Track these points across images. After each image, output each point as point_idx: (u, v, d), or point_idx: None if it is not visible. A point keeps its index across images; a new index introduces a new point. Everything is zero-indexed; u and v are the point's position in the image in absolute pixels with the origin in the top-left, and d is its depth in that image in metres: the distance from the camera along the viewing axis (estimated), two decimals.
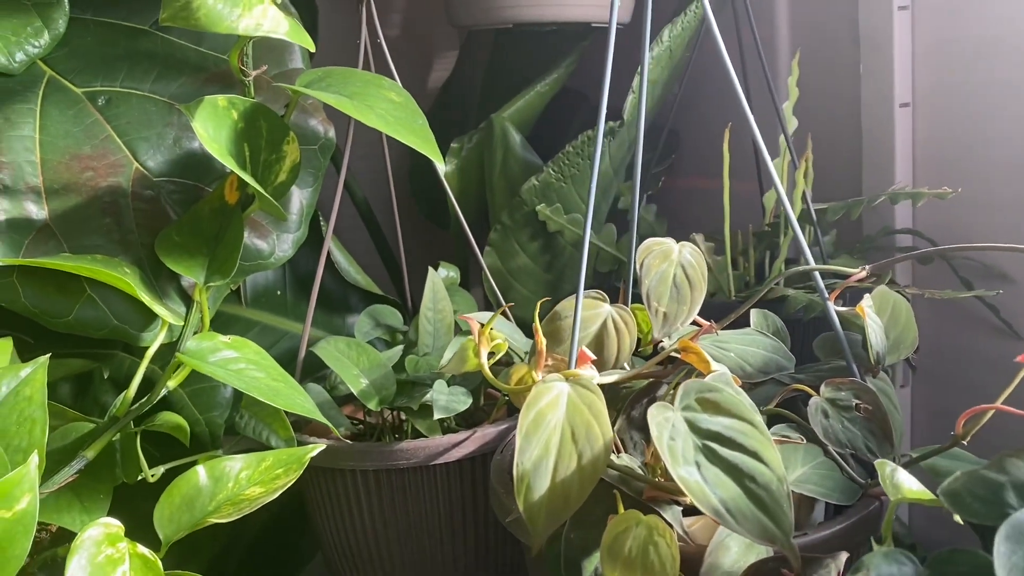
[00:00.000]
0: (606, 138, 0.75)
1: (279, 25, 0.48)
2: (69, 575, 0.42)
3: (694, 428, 0.37)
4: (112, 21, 0.67)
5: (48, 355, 0.52)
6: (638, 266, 0.48)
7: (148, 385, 0.65)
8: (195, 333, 0.61)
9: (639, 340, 0.54)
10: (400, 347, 0.68)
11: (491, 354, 0.49)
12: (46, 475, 0.50)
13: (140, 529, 0.50)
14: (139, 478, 0.59)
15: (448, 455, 0.58)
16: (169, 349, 0.59)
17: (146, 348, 0.58)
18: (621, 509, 0.40)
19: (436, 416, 0.57)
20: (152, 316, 0.61)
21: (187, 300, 0.63)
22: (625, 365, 0.52)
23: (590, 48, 0.86)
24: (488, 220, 0.94)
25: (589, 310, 0.52)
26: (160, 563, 0.46)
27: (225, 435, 0.70)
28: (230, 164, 0.54)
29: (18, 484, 0.43)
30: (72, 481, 0.53)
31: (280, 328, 0.79)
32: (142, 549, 0.47)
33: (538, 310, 0.52)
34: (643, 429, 0.47)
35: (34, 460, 0.44)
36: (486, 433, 0.59)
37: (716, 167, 0.92)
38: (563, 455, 0.39)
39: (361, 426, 0.69)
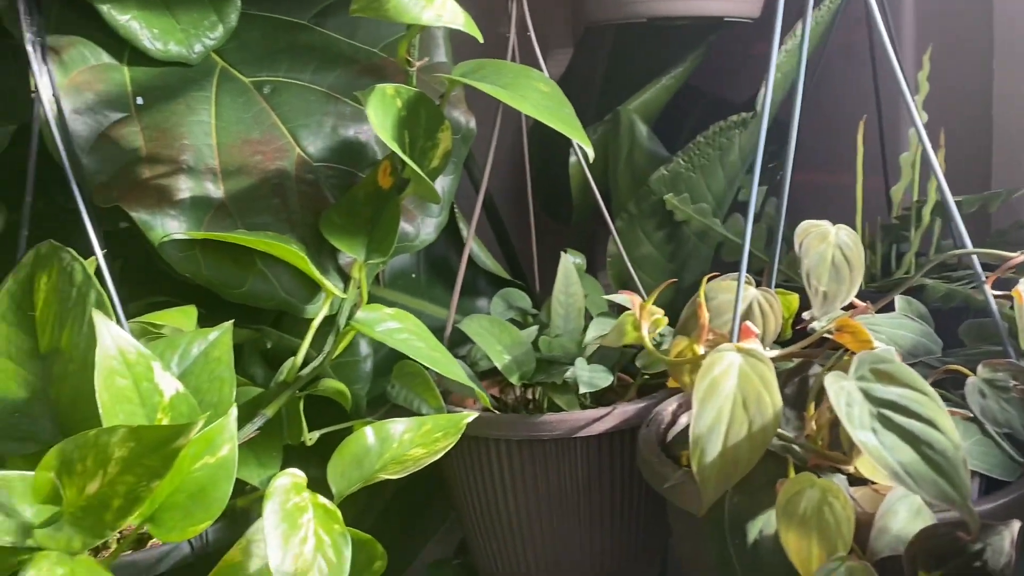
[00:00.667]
0: (737, 129, 0.77)
1: (456, 17, 0.51)
2: (265, 517, 0.46)
3: (869, 396, 0.38)
4: (275, 16, 0.72)
5: (231, 321, 0.56)
6: (797, 246, 0.50)
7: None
8: (352, 307, 0.65)
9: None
10: (535, 327, 0.71)
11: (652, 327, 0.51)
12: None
13: None
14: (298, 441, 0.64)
15: (590, 428, 0.60)
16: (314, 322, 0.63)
17: (309, 320, 0.63)
18: (791, 473, 0.42)
19: (581, 390, 0.60)
20: (314, 291, 0.65)
21: (343, 277, 0.67)
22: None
23: (713, 43, 0.88)
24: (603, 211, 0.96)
25: (731, 292, 0.54)
26: (340, 513, 0.50)
27: (369, 406, 0.74)
28: (395, 148, 0.58)
29: (220, 433, 0.47)
30: (250, 439, 0.57)
31: (415, 308, 0.83)
32: (322, 500, 0.50)
33: (656, 294, 0.54)
34: (796, 407, 0.49)
35: (233, 412, 0.48)
36: (626, 410, 0.61)
37: (834, 162, 0.92)
38: (734, 422, 0.41)
39: (495, 402, 0.72)
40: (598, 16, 0.78)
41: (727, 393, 0.41)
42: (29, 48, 0.53)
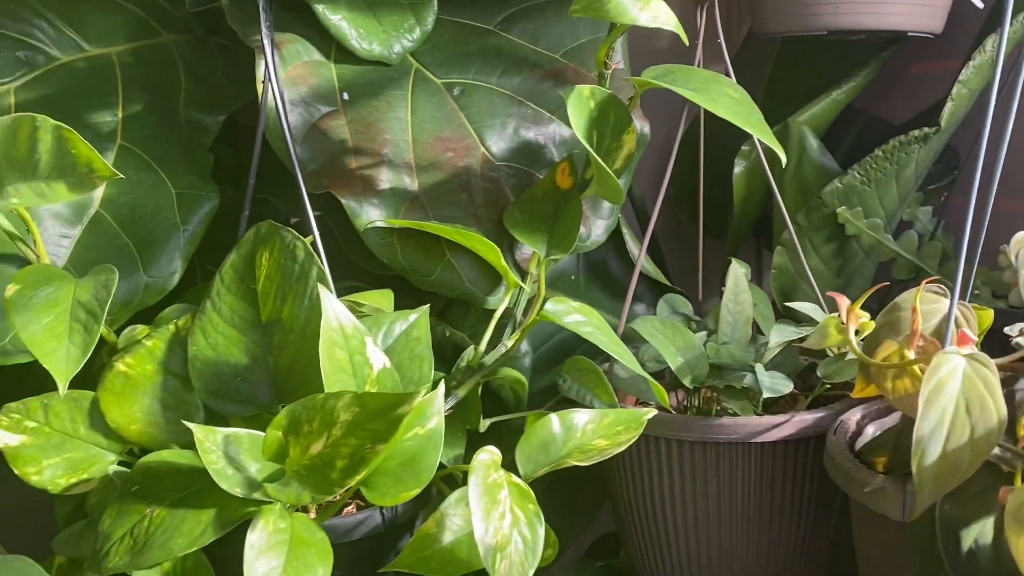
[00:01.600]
0: (917, 144, 0.75)
1: (669, 19, 0.53)
2: (470, 489, 0.48)
3: None
4: (465, 21, 0.75)
5: (428, 304, 0.59)
6: (1012, 257, 0.49)
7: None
8: (529, 299, 0.67)
9: None
10: (703, 333, 0.71)
11: (857, 332, 0.51)
12: None
13: None
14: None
15: (767, 435, 0.60)
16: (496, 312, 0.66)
17: (475, 313, 0.65)
18: (1018, 481, 0.41)
19: (764, 395, 0.60)
20: (496, 282, 0.67)
21: (520, 271, 0.69)
22: None
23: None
24: (760, 224, 0.95)
25: (928, 303, 0.53)
26: (532, 493, 0.51)
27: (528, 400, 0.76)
28: (586, 145, 0.60)
29: (430, 406, 0.50)
30: None
31: None
32: (516, 478, 0.52)
33: (865, 297, 0.53)
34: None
35: (442, 387, 0.51)
36: (804, 419, 0.61)
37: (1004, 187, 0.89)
38: (956, 426, 0.40)
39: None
40: (774, 27, 0.78)
41: (950, 396, 0.40)
42: (266, 41, 0.58)
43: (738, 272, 0.73)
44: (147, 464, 0.49)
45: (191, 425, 0.46)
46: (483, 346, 0.63)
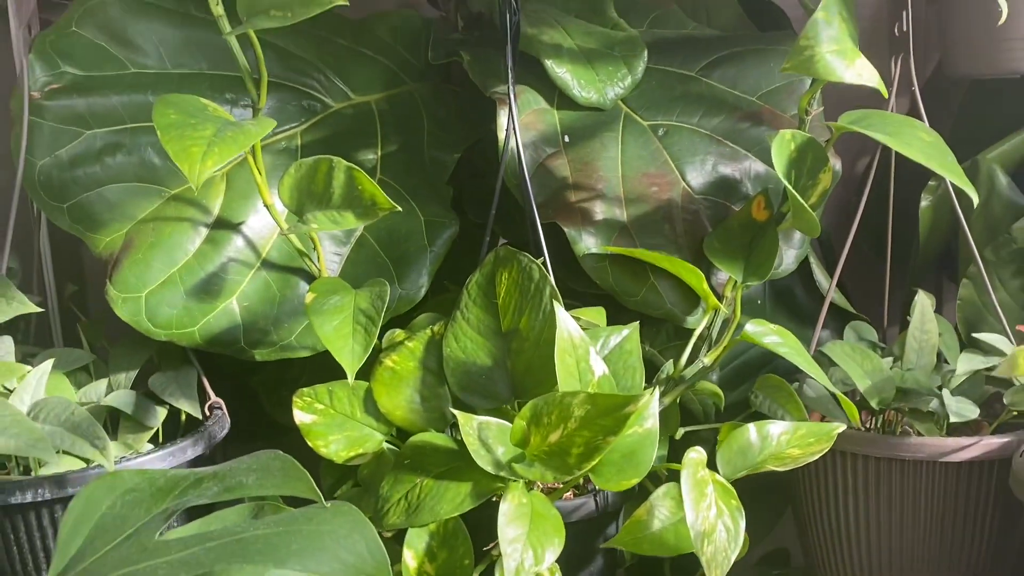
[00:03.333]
0: None
1: (872, 77, 0.59)
2: (683, 482, 0.56)
3: None
4: (669, 68, 0.83)
5: (638, 321, 0.68)
6: None
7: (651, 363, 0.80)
8: (723, 322, 0.74)
9: None
10: (889, 358, 0.76)
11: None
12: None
13: None
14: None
15: (953, 456, 0.65)
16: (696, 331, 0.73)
17: (690, 329, 0.73)
18: None
19: (952, 419, 0.64)
20: (694, 304, 0.75)
21: (716, 296, 0.76)
22: None
23: None
24: (944, 257, 0.98)
25: None
26: (735, 490, 0.59)
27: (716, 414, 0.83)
28: (786, 184, 0.67)
29: (648, 408, 0.58)
30: None
31: None
32: (719, 477, 0.60)
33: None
34: None
35: (657, 393, 0.59)
36: (990, 442, 0.65)
37: None
38: None
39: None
40: (966, 70, 0.82)
41: None
42: (510, 90, 0.68)
43: (925, 302, 0.77)
44: (415, 443, 0.60)
45: (455, 412, 0.57)
46: (683, 360, 0.71)
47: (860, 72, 0.58)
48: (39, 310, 0.66)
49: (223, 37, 0.62)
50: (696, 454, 0.58)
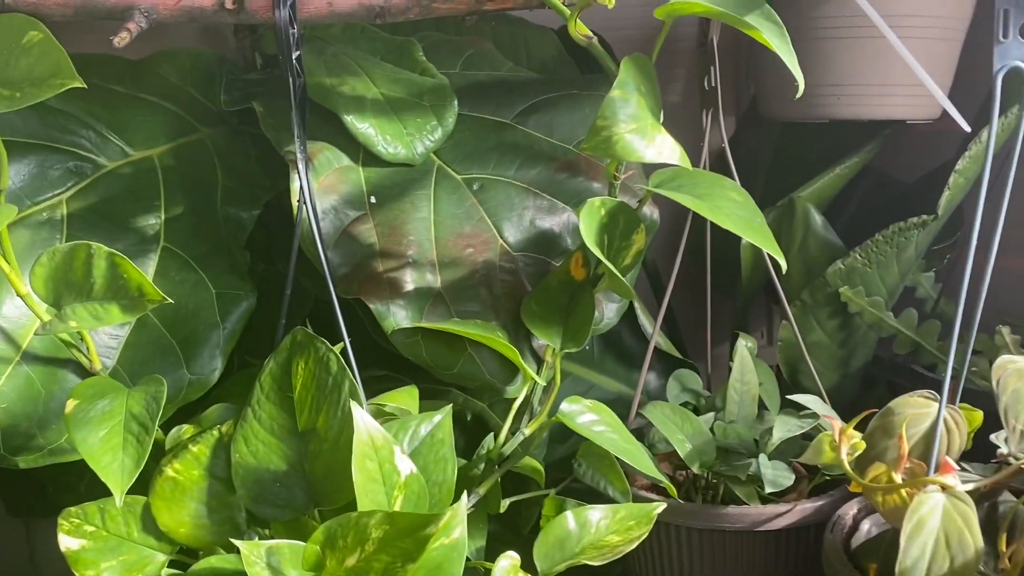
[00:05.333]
0: (916, 230, 0.79)
1: (674, 153, 0.57)
2: None
3: None
4: (483, 116, 0.79)
5: (451, 404, 0.63)
6: (994, 383, 0.52)
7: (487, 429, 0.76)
8: (543, 389, 0.71)
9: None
10: (711, 415, 0.75)
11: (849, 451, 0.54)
12: None
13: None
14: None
15: (770, 524, 0.64)
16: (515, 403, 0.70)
17: (510, 399, 0.69)
18: None
19: (767, 490, 0.64)
20: (514, 372, 0.71)
21: (537, 359, 0.73)
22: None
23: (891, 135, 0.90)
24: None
25: (919, 408, 0.57)
26: None
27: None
28: (597, 253, 0.64)
29: (454, 517, 0.54)
30: None
31: (588, 379, 0.89)
32: None
33: (856, 421, 0.57)
34: (986, 533, 0.51)
35: (464, 499, 0.55)
36: (805, 507, 0.65)
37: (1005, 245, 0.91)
38: (936, 558, 0.44)
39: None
40: (777, 113, 0.82)
41: (930, 531, 0.44)
42: (300, 160, 0.62)
43: (743, 352, 0.77)
44: (200, 572, 0.53)
45: (238, 543, 0.50)
46: (503, 436, 0.67)
47: (660, 150, 0.56)
48: None
49: None
50: (508, 561, 0.55)
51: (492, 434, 0.70)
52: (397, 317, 0.68)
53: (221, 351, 0.68)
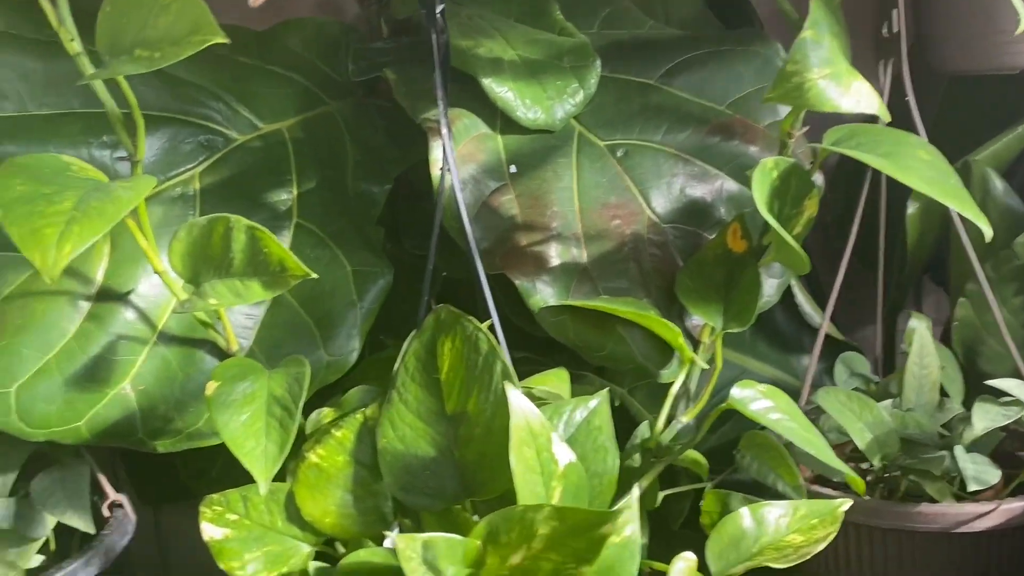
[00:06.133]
0: None
1: (872, 101, 0.50)
2: None
3: None
4: (625, 78, 0.73)
5: (607, 389, 0.58)
6: None
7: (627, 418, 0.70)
8: (700, 372, 0.65)
9: None
10: (888, 401, 0.67)
11: None
12: (614, 501, 0.56)
13: None
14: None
15: (971, 525, 0.56)
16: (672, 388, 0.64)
17: (652, 385, 0.64)
18: None
19: (970, 488, 0.56)
20: (668, 355, 0.65)
21: (692, 341, 0.67)
22: None
23: None
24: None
25: None
26: None
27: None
28: (771, 220, 0.57)
29: (626, 513, 0.49)
30: None
31: (738, 364, 0.82)
32: None
33: None
34: None
35: (636, 492, 0.49)
36: (1012, 508, 0.57)
37: None
38: None
39: None
40: (963, 66, 0.73)
41: None
42: (443, 124, 0.58)
43: (923, 333, 0.68)
44: (349, 566, 0.50)
45: (393, 535, 0.46)
46: (660, 423, 0.62)
47: (858, 98, 0.49)
48: None
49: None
50: (684, 563, 0.49)
51: (646, 423, 0.64)
52: (543, 294, 0.63)
53: (358, 331, 0.65)
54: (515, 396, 0.50)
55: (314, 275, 0.52)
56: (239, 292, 0.54)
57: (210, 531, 0.53)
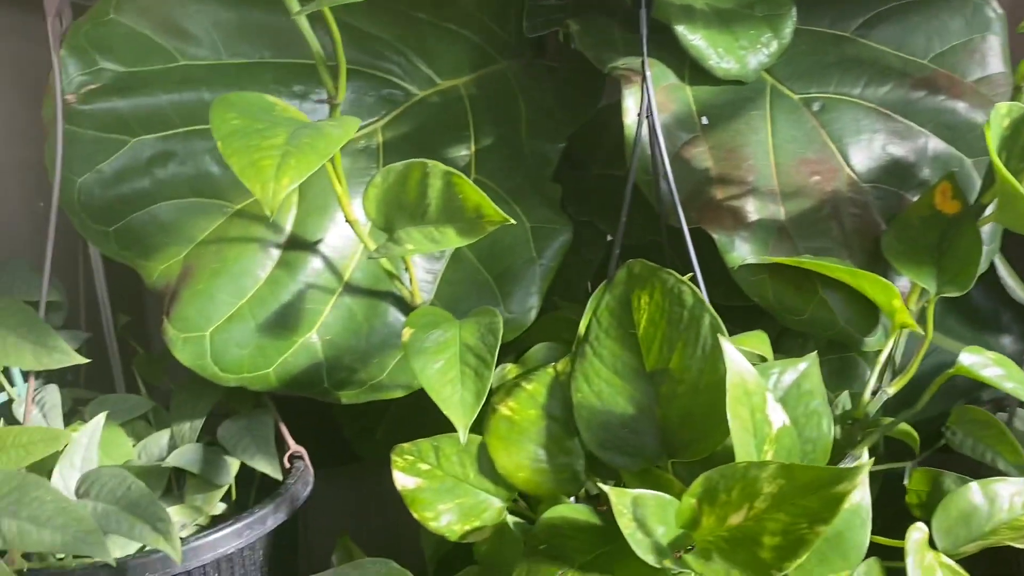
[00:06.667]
0: None
1: None
2: (910, 572, 0.43)
3: None
4: (818, 29, 0.69)
5: (816, 351, 0.54)
6: None
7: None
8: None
9: None
10: None
11: None
12: None
13: None
14: None
15: None
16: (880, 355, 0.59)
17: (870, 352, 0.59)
18: None
19: None
20: (874, 321, 0.61)
21: None
22: None
23: None
24: None
25: None
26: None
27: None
28: (1003, 173, 0.52)
29: (862, 471, 0.45)
30: None
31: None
32: (946, 559, 0.46)
33: None
34: None
35: (866, 456, 0.46)
36: None
37: None
38: None
39: None
40: None
41: None
42: (644, 66, 0.55)
43: None
44: (552, 521, 0.48)
45: (606, 488, 0.44)
46: (866, 393, 0.57)
47: None
48: (84, 360, 0.55)
49: (290, 18, 0.50)
50: (919, 534, 0.45)
51: (846, 393, 0.60)
52: (741, 251, 0.59)
53: (538, 288, 0.63)
54: (732, 352, 0.47)
55: (512, 221, 0.51)
56: (434, 238, 0.52)
57: (402, 480, 0.52)
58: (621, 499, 0.44)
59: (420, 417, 0.79)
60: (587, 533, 0.47)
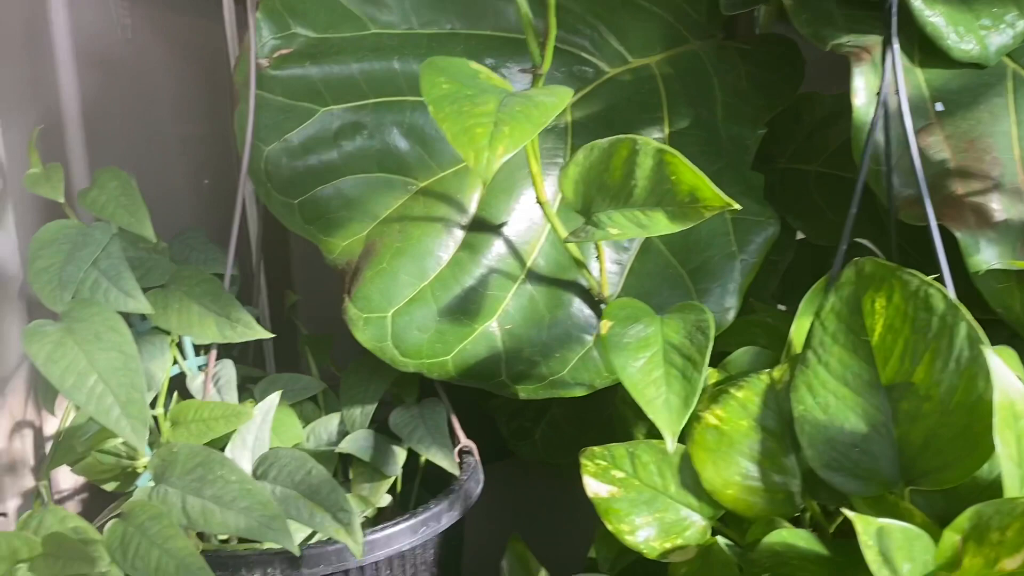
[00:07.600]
0: None
1: None
2: None
3: None
4: None
5: None
6: None
7: None
8: None
9: None
10: None
11: None
12: None
13: None
14: None
15: None
16: None
17: None
18: None
19: None
20: None
21: None
22: None
23: None
24: None
25: None
26: None
27: None
28: None
29: None
30: None
31: None
32: None
33: None
34: None
35: None
36: None
37: None
38: None
39: None
40: None
41: None
42: (893, 40, 0.49)
43: None
44: (771, 547, 0.42)
45: (850, 514, 0.38)
46: None
47: None
48: (270, 335, 0.53)
49: None
50: None
51: None
52: (987, 255, 0.52)
53: (737, 286, 0.57)
54: (999, 367, 0.40)
55: (736, 205, 0.46)
56: (641, 223, 0.48)
57: (594, 487, 0.48)
58: (867, 528, 0.38)
59: (581, 423, 0.75)
60: (815, 564, 0.41)
